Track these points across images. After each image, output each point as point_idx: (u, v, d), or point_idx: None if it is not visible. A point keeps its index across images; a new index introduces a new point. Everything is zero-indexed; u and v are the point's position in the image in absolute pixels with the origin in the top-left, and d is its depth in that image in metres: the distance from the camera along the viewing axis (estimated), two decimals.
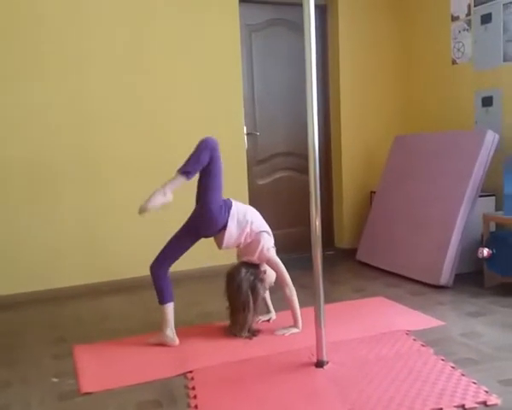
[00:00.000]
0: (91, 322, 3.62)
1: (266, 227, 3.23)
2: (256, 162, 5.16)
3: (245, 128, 4.95)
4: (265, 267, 3.21)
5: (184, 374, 2.65)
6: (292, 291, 3.16)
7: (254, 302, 3.08)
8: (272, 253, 3.19)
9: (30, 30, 4.12)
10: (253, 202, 4.99)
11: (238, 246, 3.19)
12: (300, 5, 2.54)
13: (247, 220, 3.11)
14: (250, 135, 5.08)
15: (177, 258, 3.10)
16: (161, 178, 4.53)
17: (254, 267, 3.16)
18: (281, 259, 3.21)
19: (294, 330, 3.14)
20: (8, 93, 4.08)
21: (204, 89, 4.68)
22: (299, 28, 5.00)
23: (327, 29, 5.34)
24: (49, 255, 4.25)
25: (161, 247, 3.12)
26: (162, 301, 3.05)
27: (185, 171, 2.96)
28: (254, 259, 3.15)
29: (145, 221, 4.41)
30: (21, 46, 4.10)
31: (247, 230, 3.11)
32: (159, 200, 2.94)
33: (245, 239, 3.13)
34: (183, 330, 3.16)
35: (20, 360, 2.98)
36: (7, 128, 4.10)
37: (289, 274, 3.18)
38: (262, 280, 3.15)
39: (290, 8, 5.07)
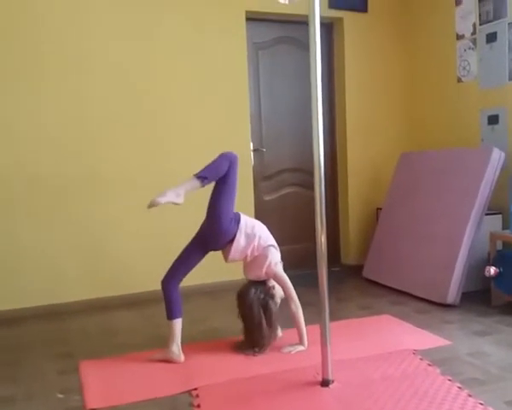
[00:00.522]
0: (97, 337, 3.61)
1: (273, 242, 3.23)
2: (262, 178, 5.17)
3: (251, 144, 4.97)
4: (273, 283, 3.21)
5: (189, 391, 2.64)
6: (298, 308, 3.15)
7: (269, 319, 3.08)
8: (279, 268, 3.19)
9: (30, 31, 4.15)
10: (259, 217, 4.97)
11: (245, 259, 3.19)
12: (307, 23, 2.56)
13: (254, 234, 3.12)
14: (256, 151, 5.10)
15: (187, 272, 3.11)
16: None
17: (262, 285, 3.16)
18: (287, 275, 3.21)
19: (300, 348, 3.13)
20: (13, 107, 4.12)
21: (211, 106, 4.71)
22: (305, 46, 5.03)
23: (333, 47, 5.38)
24: (54, 270, 4.26)
25: (167, 261, 3.13)
26: (171, 316, 3.05)
27: (201, 176, 2.96)
28: (261, 274, 3.15)
29: (151, 235, 4.48)
30: (20, 47, 4.13)
31: (255, 243, 3.12)
32: (171, 198, 2.94)
33: (251, 252, 3.13)
34: (189, 346, 3.15)
35: (25, 375, 2.98)
36: (13, 140, 4.13)
37: (295, 290, 3.18)
38: (272, 296, 3.15)
39: (296, 26, 5.10)
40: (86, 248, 4.36)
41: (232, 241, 3.09)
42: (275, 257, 3.17)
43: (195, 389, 2.66)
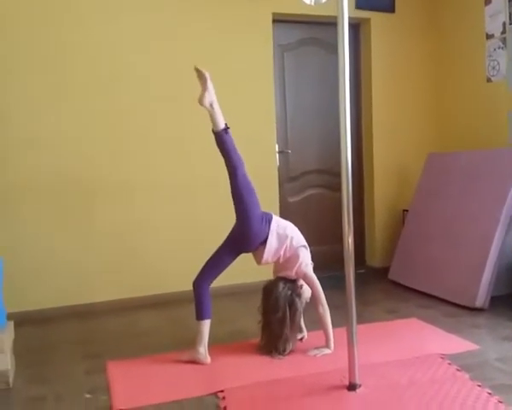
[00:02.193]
0: (124, 338, 3.64)
1: (305, 243, 3.23)
2: (287, 180, 5.16)
3: (277, 146, 4.97)
4: (302, 282, 3.20)
5: (216, 393, 2.65)
6: (325, 310, 3.14)
7: (292, 318, 3.06)
8: (310, 269, 3.19)
9: (66, 52, 4.22)
10: (284, 218, 4.99)
11: (277, 261, 3.20)
12: (332, 24, 2.55)
13: (286, 235, 3.13)
14: (282, 153, 5.09)
15: (218, 273, 3.13)
16: (193, 197, 4.61)
17: (291, 282, 3.15)
18: None
19: (326, 351, 3.11)
20: (43, 112, 4.18)
21: (237, 107, 4.70)
22: (330, 47, 5.07)
23: (359, 47, 5.34)
24: (82, 271, 4.31)
25: (195, 262, 3.16)
26: (200, 316, 3.06)
27: (225, 129, 3.15)
28: (292, 274, 3.15)
29: (179, 236, 4.50)
30: (58, 66, 4.20)
31: (287, 243, 3.12)
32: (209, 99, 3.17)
33: (284, 253, 3.14)
34: (215, 347, 3.16)
35: (53, 375, 3.01)
36: (41, 145, 4.18)
37: None
38: (299, 295, 3.14)
39: (322, 27, 5.09)
40: (114, 250, 4.39)
41: (264, 242, 3.09)
42: (306, 258, 3.18)
43: (222, 391, 2.66)
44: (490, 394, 2.50)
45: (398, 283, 4.72)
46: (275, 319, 3.06)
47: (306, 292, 3.21)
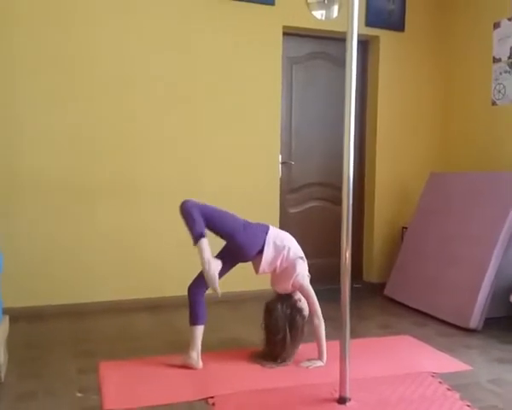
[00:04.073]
0: (118, 339, 3.66)
1: (302, 254, 3.25)
2: (289, 191, 5.18)
3: (280, 157, 5.00)
4: (299, 295, 3.21)
5: (206, 399, 2.66)
6: (321, 323, 3.15)
7: (294, 335, 3.08)
8: (306, 280, 3.20)
9: (72, 51, 4.25)
10: (283, 229, 5.00)
11: (274, 271, 3.21)
12: (341, 40, 2.58)
13: (284, 245, 3.16)
14: (285, 164, 5.11)
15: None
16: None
17: (290, 298, 3.16)
18: None
19: (319, 364, 3.12)
20: (48, 111, 4.20)
21: (243, 117, 4.75)
22: (339, 62, 5.11)
23: (368, 64, 5.38)
24: (81, 270, 4.32)
25: (193, 268, 3.15)
26: (194, 322, 3.07)
27: (197, 234, 2.99)
28: (288, 286, 3.16)
29: (177, 244, 4.52)
30: (64, 66, 4.23)
31: (284, 253, 3.14)
32: (213, 268, 3.01)
33: (280, 263, 3.16)
34: (208, 354, 3.17)
35: (45, 372, 3.02)
36: (44, 143, 4.21)
37: None
38: (300, 310, 3.14)
39: (331, 42, 5.13)
40: (113, 251, 4.41)
41: (261, 252, 3.12)
42: (303, 269, 3.19)
43: (212, 397, 2.67)
44: None
45: (394, 299, 4.72)
46: (276, 340, 3.08)
47: (305, 304, 3.22)
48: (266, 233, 3.15)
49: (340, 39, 3.70)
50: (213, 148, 4.69)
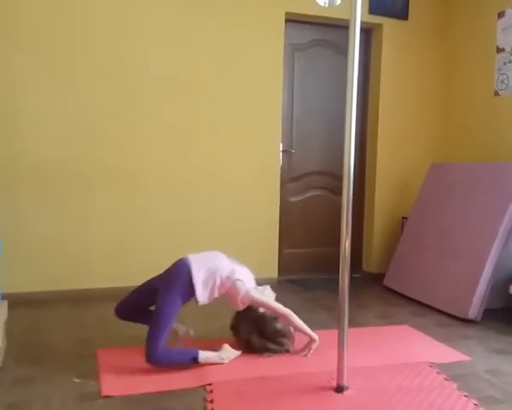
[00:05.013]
0: (116, 326, 3.64)
1: (237, 271, 3.07)
2: (289, 179, 5.17)
3: (281, 145, 4.98)
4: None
5: (204, 386, 2.66)
6: (289, 316, 3.09)
7: (273, 339, 3.08)
8: (253, 293, 3.06)
9: (73, 38, 4.23)
10: (283, 218, 5.02)
11: (219, 296, 3.08)
12: (344, 27, 2.56)
13: (214, 277, 3.00)
14: (285, 152, 5.10)
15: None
16: (194, 192, 4.62)
17: (249, 312, 3.11)
18: (305, 278, 3.17)
19: (314, 345, 3.10)
20: (47, 99, 4.18)
21: (244, 104, 4.73)
22: (341, 49, 5.08)
23: (370, 51, 5.35)
24: (79, 257, 4.33)
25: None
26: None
27: (192, 359, 2.87)
28: (240, 306, 3.06)
29: (172, 231, 4.52)
30: (64, 53, 4.21)
31: (217, 282, 2.99)
32: (226, 356, 2.98)
33: (219, 291, 3.02)
34: (204, 342, 3.16)
35: (43, 357, 3.03)
36: (42, 131, 4.19)
37: (314, 294, 3.16)
38: (264, 319, 3.10)
39: (334, 30, 5.09)
40: (111, 237, 4.42)
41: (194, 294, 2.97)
42: (244, 287, 3.03)
43: (210, 384, 2.68)
44: (476, 405, 2.51)
45: (393, 289, 4.73)
46: (255, 347, 3.09)
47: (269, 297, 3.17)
48: (187, 259, 3.04)
49: (342, 27, 3.68)
50: (213, 136, 4.67)
